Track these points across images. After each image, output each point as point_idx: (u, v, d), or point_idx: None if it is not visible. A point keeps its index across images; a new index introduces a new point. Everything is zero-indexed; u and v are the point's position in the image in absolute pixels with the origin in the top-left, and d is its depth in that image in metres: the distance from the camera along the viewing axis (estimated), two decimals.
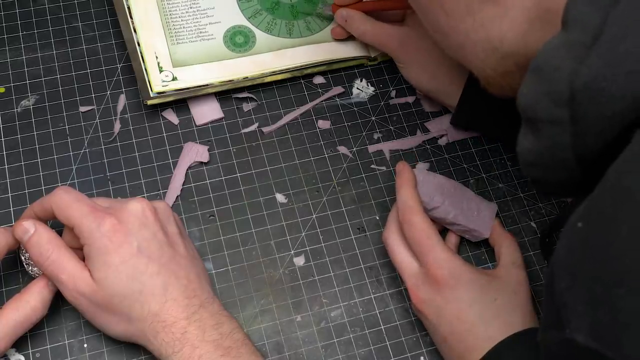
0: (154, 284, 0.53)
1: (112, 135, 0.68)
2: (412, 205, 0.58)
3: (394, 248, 0.60)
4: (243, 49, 0.73)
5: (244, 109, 0.71)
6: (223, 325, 0.54)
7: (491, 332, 0.55)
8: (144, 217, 0.55)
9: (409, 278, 0.59)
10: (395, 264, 0.60)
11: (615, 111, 0.36)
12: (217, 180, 0.67)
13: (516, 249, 0.62)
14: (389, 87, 0.74)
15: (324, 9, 0.75)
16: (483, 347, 0.54)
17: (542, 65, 0.39)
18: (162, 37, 0.72)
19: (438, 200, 0.62)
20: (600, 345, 0.32)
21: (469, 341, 0.55)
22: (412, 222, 0.58)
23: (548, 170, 0.42)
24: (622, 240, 0.33)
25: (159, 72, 0.69)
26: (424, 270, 0.57)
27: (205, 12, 0.75)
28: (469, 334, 0.55)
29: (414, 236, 0.58)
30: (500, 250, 0.62)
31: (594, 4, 0.37)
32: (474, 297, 0.56)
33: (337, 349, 0.61)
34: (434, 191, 0.62)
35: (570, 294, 0.35)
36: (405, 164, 0.61)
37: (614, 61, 0.36)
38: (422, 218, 0.58)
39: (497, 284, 0.57)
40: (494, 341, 0.54)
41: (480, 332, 0.55)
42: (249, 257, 0.64)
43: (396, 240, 0.60)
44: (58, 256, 0.54)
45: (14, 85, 0.70)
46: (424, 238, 0.57)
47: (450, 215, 0.62)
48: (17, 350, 0.58)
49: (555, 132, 0.39)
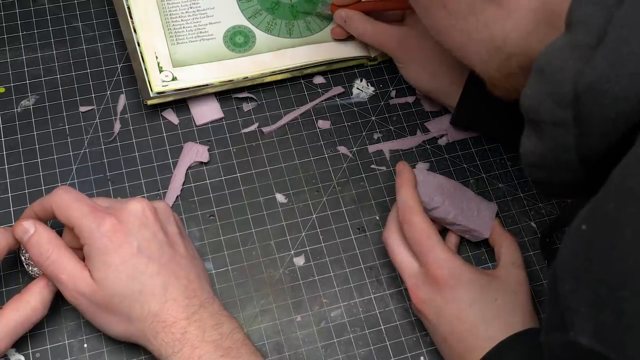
0: (154, 284, 0.53)
1: (112, 135, 0.68)
2: (412, 205, 0.58)
3: (394, 248, 0.60)
4: (243, 49, 0.73)
5: (244, 109, 0.71)
6: (223, 326, 0.54)
7: (492, 332, 0.55)
8: (144, 217, 0.55)
9: (409, 278, 0.59)
10: (395, 264, 0.60)
11: (619, 112, 0.36)
12: (217, 180, 0.67)
13: (516, 249, 0.62)
14: (389, 87, 0.74)
15: (323, 8, 0.75)
16: (483, 347, 0.54)
17: (546, 66, 0.39)
18: (162, 37, 0.72)
19: (438, 200, 0.62)
20: (604, 347, 0.32)
21: (469, 341, 0.55)
22: (412, 222, 0.58)
23: (551, 172, 0.42)
24: (626, 243, 0.33)
25: (159, 72, 0.69)
26: (424, 270, 0.57)
27: (205, 12, 0.75)
28: (469, 334, 0.55)
29: (414, 236, 0.58)
30: (500, 251, 0.62)
31: (597, 4, 0.37)
32: (474, 297, 0.56)
33: (337, 349, 0.61)
34: (434, 191, 0.62)
35: (574, 297, 0.34)
36: (405, 164, 0.61)
37: (618, 62, 0.36)
38: (422, 218, 0.58)
39: (497, 284, 0.57)
40: (494, 341, 0.54)
41: (480, 332, 0.55)
42: (249, 257, 0.64)
43: (396, 240, 0.60)
44: (58, 256, 0.54)
45: (14, 85, 0.70)
46: (424, 238, 0.57)
47: (450, 215, 0.62)
48: (17, 350, 0.58)
49: (559, 134, 0.39)
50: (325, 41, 0.74)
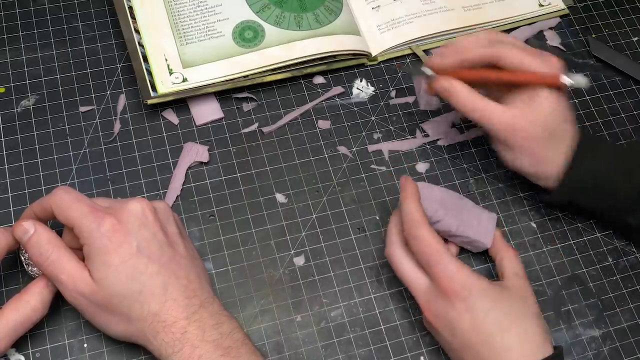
0: (154, 284, 0.53)
1: (112, 135, 0.68)
2: (417, 218, 0.57)
3: (400, 264, 0.59)
4: (252, 44, 0.72)
5: (244, 109, 0.71)
6: (223, 325, 0.54)
7: (508, 341, 0.54)
8: (144, 217, 0.55)
9: (421, 295, 0.57)
10: (403, 279, 0.59)
11: None
12: (217, 180, 0.67)
13: (518, 260, 0.61)
14: (388, 87, 0.74)
15: (423, 68, 0.65)
16: (499, 358, 0.54)
17: None
18: (171, 39, 0.72)
19: (440, 214, 0.61)
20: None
21: (485, 354, 0.54)
22: (419, 236, 0.57)
23: None
24: None
25: (169, 75, 0.69)
26: (434, 284, 0.56)
27: (213, 9, 0.75)
28: (485, 346, 0.54)
29: (422, 250, 0.57)
30: (502, 263, 0.61)
31: None
32: (488, 306, 0.55)
33: (337, 349, 0.61)
34: (436, 205, 0.61)
35: None
36: (408, 178, 0.60)
37: None
38: (429, 231, 0.57)
39: (507, 293, 0.57)
40: (511, 352, 0.54)
41: (497, 342, 0.54)
42: (249, 257, 0.64)
43: (401, 255, 0.59)
44: (58, 256, 0.54)
45: (14, 85, 0.70)
46: (433, 252, 0.56)
47: (452, 227, 0.62)
48: (17, 350, 0.58)
49: None
50: (334, 33, 0.74)
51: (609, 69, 0.78)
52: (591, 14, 0.82)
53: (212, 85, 0.70)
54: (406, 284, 0.59)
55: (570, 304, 0.65)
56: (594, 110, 0.75)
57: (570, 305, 0.64)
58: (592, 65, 0.78)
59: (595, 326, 0.64)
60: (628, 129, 0.74)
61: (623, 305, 0.65)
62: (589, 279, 0.66)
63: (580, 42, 0.80)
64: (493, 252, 0.63)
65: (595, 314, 0.64)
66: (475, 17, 0.79)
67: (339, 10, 0.75)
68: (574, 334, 0.63)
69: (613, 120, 0.75)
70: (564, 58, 0.77)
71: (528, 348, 0.54)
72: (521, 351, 0.54)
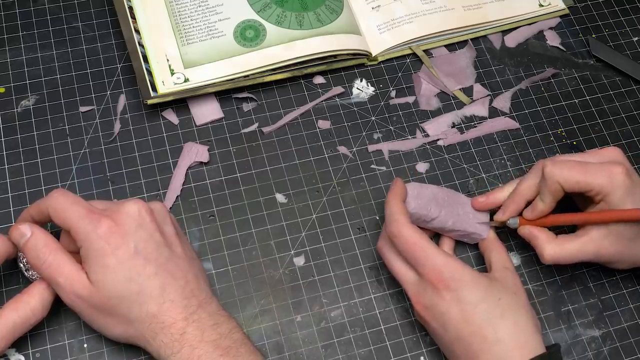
0: (152, 285, 0.53)
1: (112, 135, 0.68)
2: (397, 218, 0.58)
3: (389, 260, 0.60)
4: (254, 43, 0.72)
5: (244, 109, 0.71)
6: (222, 325, 0.54)
7: (499, 333, 0.54)
8: (141, 218, 0.55)
9: (410, 287, 0.58)
10: (393, 273, 0.60)
11: None
12: (217, 180, 0.67)
13: (506, 254, 0.62)
14: (389, 87, 0.74)
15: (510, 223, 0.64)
16: (491, 350, 0.54)
17: None
18: (172, 39, 0.72)
19: (435, 211, 0.62)
20: None
21: (476, 346, 0.54)
22: (401, 235, 0.57)
23: None
24: None
25: (170, 75, 0.69)
26: (423, 278, 0.57)
27: (214, 9, 0.75)
28: (476, 338, 0.55)
29: (406, 249, 0.57)
30: (490, 256, 0.62)
31: None
32: (478, 296, 0.55)
33: (337, 349, 0.61)
34: (430, 202, 0.62)
35: None
36: (397, 179, 0.61)
37: None
38: (410, 229, 0.57)
39: (497, 284, 0.57)
40: (502, 344, 0.54)
41: (488, 334, 0.54)
42: (249, 257, 0.64)
43: (390, 251, 0.60)
44: (55, 259, 0.54)
45: (14, 85, 0.70)
46: (417, 249, 0.57)
47: (448, 223, 0.62)
48: (17, 350, 0.58)
49: None
50: (336, 32, 0.74)
51: (609, 69, 0.78)
52: (591, 14, 0.82)
53: (212, 85, 0.70)
54: (396, 277, 0.60)
55: (570, 304, 0.65)
56: (594, 110, 0.75)
57: (570, 305, 0.64)
58: (592, 65, 0.78)
59: (595, 326, 0.64)
60: (628, 129, 0.74)
61: (623, 305, 0.65)
62: (589, 279, 0.66)
63: (580, 42, 0.80)
64: (482, 246, 0.64)
65: (595, 314, 0.64)
66: (476, 17, 0.79)
67: (340, 9, 0.75)
68: (574, 334, 0.63)
69: (613, 120, 0.75)
70: (564, 58, 0.77)
71: (521, 339, 0.55)
72: (514, 343, 0.54)
